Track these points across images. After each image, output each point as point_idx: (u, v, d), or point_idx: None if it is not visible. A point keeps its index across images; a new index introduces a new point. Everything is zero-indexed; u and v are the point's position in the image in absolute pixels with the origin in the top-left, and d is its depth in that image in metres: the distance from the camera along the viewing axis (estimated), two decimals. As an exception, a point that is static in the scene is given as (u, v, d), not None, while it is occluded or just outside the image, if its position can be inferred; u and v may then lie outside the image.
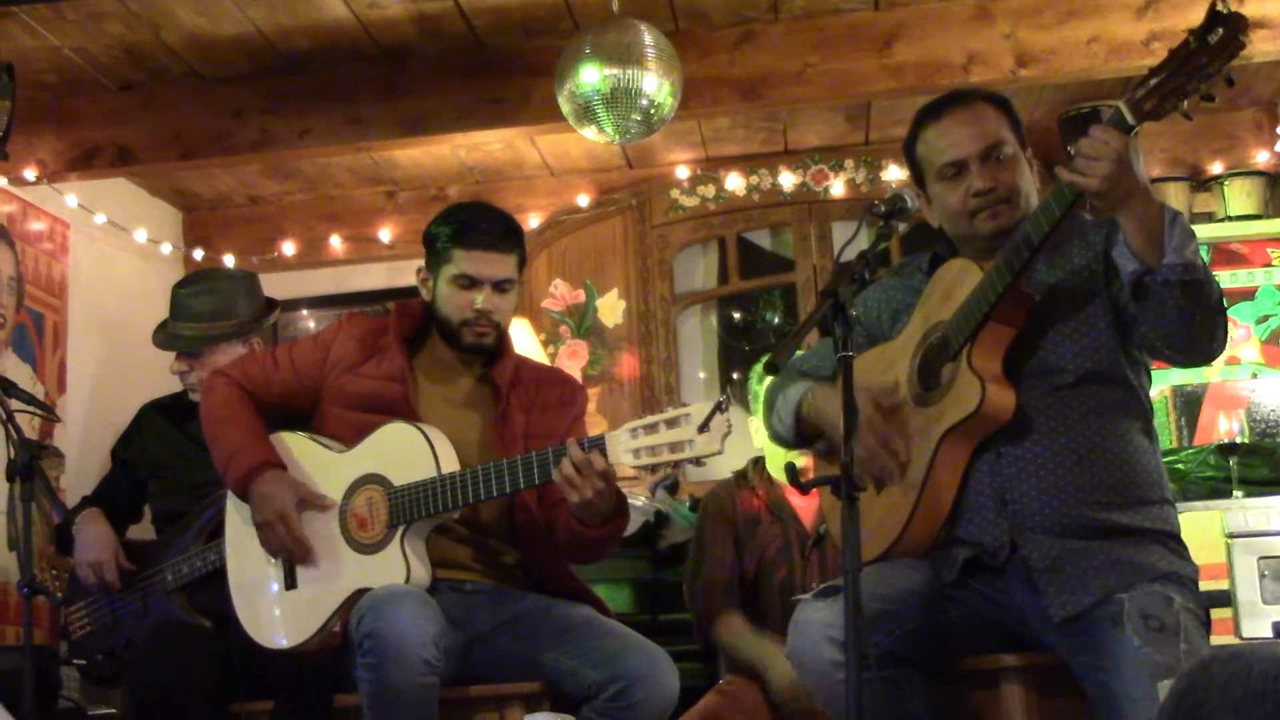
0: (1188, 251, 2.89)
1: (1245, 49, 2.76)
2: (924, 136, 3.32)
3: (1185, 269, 2.89)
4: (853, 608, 2.59)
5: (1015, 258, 3.03)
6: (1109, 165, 2.84)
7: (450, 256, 3.80)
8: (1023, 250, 3.02)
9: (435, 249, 3.85)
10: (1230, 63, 2.76)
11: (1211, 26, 2.75)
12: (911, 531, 3.19)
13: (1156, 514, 3.13)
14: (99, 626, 4.58)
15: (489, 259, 3.80)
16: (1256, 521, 5.00)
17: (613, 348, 6.91)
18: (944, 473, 3.15)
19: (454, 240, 3.80)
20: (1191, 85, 2.79)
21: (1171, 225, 2.90)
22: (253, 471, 3.75)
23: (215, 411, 3.90)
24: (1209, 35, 2.75)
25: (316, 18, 5.32)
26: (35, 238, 6.07)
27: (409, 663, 3.35)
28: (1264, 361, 6.25)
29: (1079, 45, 5.35)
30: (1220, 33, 2.74)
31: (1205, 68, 2.76)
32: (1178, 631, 2.86)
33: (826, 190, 6.86)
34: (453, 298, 3.80)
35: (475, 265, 3.78)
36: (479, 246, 3.79)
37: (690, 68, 5.32)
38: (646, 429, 3.32)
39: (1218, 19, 2.75)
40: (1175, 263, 2.89)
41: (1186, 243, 2.89)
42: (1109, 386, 3.14)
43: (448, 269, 3.80)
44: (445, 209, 3.99)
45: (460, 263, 3.79)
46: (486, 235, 3.80)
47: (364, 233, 7.25)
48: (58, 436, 6.07)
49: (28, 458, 4.19)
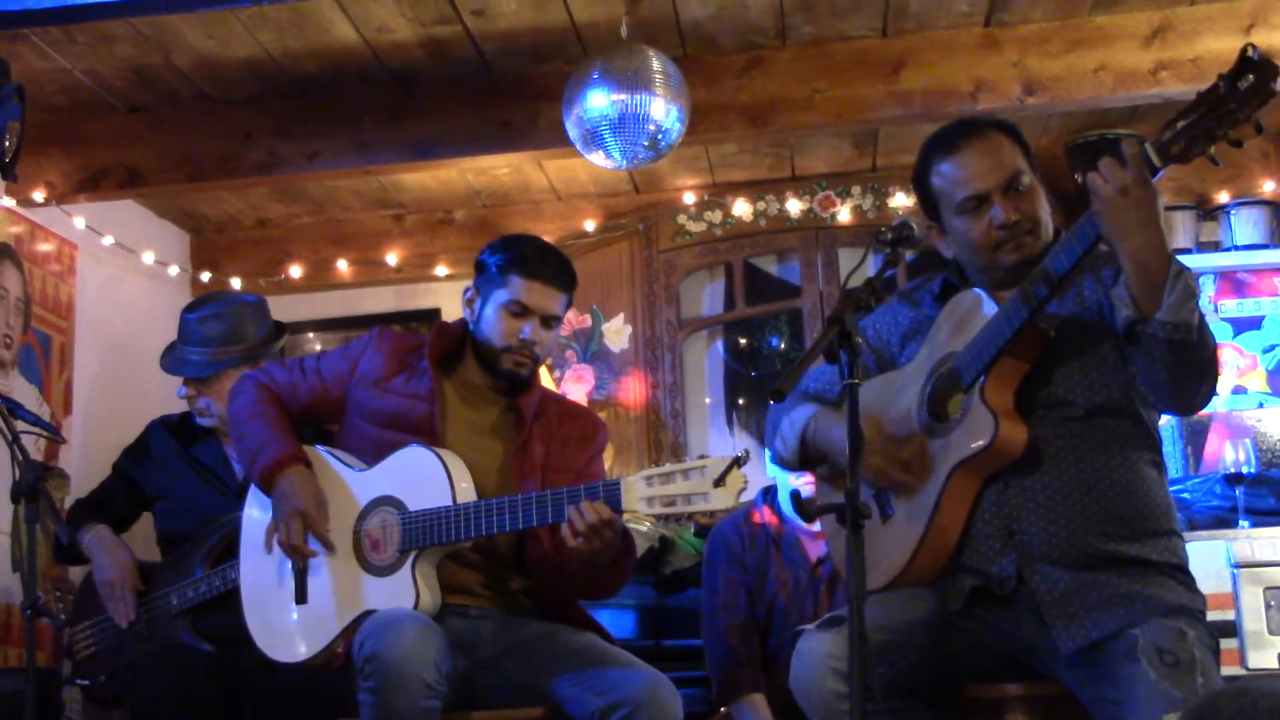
0: (1183, 311, 2.87)
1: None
2: (938, 169, 3.28)
3: (1176, 328, 2.87)
4: (857, 638, 2.57)
5: (1035, 293, 3.01)
6: (1111, 190, 2.84)
7: (507, 282, 3.78)
8: (1042, 287, 3.00)
9: (490, 273, 3.83)
10: (1260, 109, 2.74)
11: (1242, 72, 2.72)
12: (918, 563, 3.17)
13: (1165, 545, 3.10)
14: (103, 648, 4.57)
15: (546, 293, 3.79)
16: (1262, 552, 4.98)
17: (619, 372, 6.90)
18: (952, 505, 3.13)
19: (515, 267, 3.79)
20: (1220, 130, 2.75)
21: (1175, 280, 2.87)
22: (280, 464, 3.74)
23: (244, 409, 3.89)
24: (1239, 80, 2.72)
25: (325, 41, 5.33)
26: (43, 259, 6.07)
27: (410, 686, 3.33)
28: (1270, 391, 6.24)
29: (1086, 74, 5.36)
30: (1251, 79, 2.71)
31: (1235, 113, 2.73)
32: (1193, 666, 2.86)
33: (833, 216, 6.85)
34: (501, 323, 3.79)
35: (531, 295, 3.77)
36: (539, 279, 3.78)
37: (698, 93, 5.33)
38: (662, 478, 3.31)
39: (1249, 65, 2.72)
40: (1167, 320, 2.87)
41: (1185, 302, 2.87)
42: (1118, 419, 3.12)
43: (501, 294, 3.79)
44: (505, 237, 3.98)
45: (517, 290, 3.77)
46: (548, 269, 3.80)
47: (371, 256, 7.25)
48: (63, 457, 6.07)
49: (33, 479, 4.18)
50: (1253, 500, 5.16)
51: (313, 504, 3.69)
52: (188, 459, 4.71)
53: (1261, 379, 6.28)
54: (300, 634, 3.73)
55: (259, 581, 3.86)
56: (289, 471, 3.73)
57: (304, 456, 3.79)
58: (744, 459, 3.19)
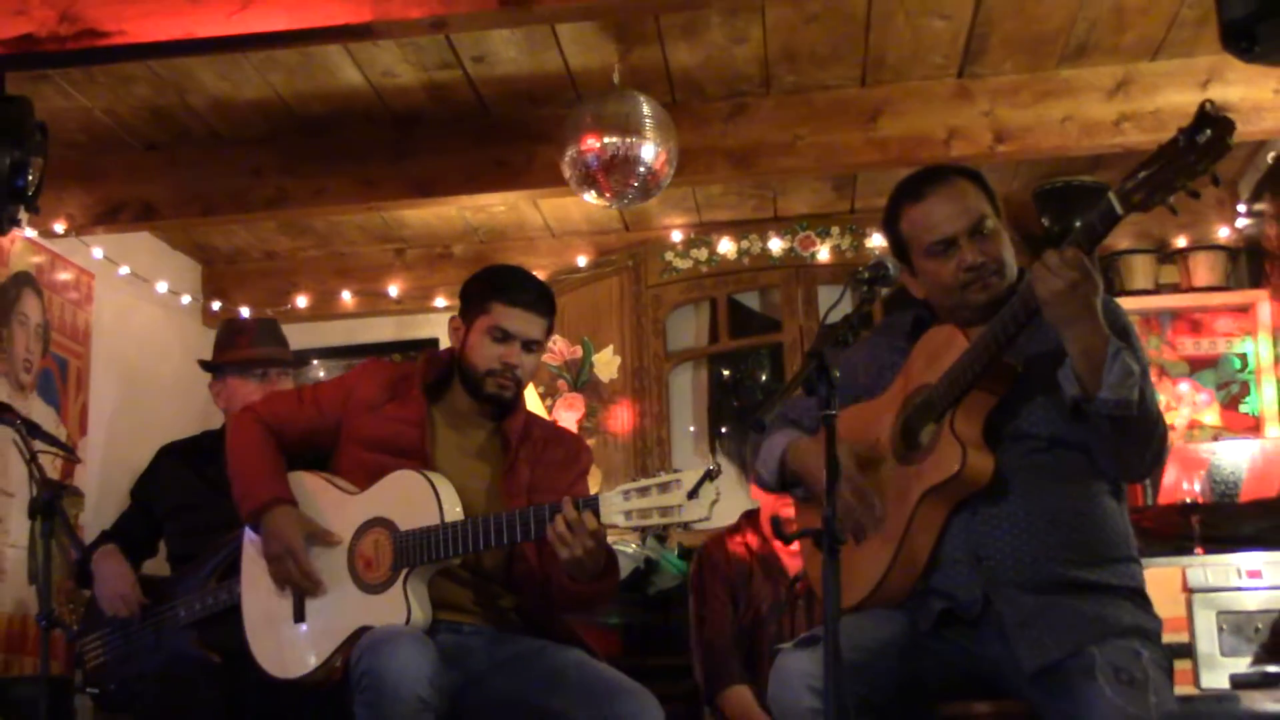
0: (1123, 388, 2.89)
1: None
2: (908, 215, 3.28)
3: (1118, 405, 2.90)
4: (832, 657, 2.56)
5: (1004, 331, 3.02)
6: (1059, 284, 2.87)
7: (489, 309, 3.80)
8: (1011, 326, 3.01)
9: (473, 301, 3.86)
10: (1217, 162, 2.75)
11: (1201, 127, 2.74)
12: (889, 582, 3.17)
13: (1124, 571, 3.11)
14: (112, 657, 4.55)
15: (526, 318, 3.80)
16: (1216, 578, 4.97)
17: (608, 401, 6.88)
18: (921, 529, 3.13)
19: (496, 295, 3.81)
20: (1179, 181, 2.78)
21: (1113, 359, 2.89)
22: (265, 506, 3.74)
23: (239, 448, 3.90)
24: (1198, 135, 2.75)
25: (332, 84, 5.32)
26: (62, 287, 6.05)
27: (404, 700, 3.31)
28: (1224, 426, 6.25)
29: (1053, 124, 5.37)
30: (1209, 133, 2.73)
31: (1194, 165, 2.76)
32: (1147, 684, 2.86)
33: (813, 255, 6.85)
34: (483, 348, 3.79)
35: (512, 321, 3.78)
36: (519, 305, 3.79)
37: (686, 137, 5.33)
38: (639, 492, 3.31)
39: (1207, 120, 2.75)
40: (1108, 399, 2.90)
41: (1125, 379, 2.89)
42: (1078, 452, 3.12)
43: (483, 320, 3.80)
44: (488, 268, 4.02)
45: (498, 316, 3.78)
46: (527, 296, 3.82)
47: (373, 287, 7.25)
48: (78, 476, 6.05)
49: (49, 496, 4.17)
50: (1207, 529, 5.16)
51: (299, 543, 3.70)
52: (197, 479, 4.70)
53: (1216, 414, 6.29)
54: (299, 651, 3.72)
55: (259, 602, 3.85)
56: (275, 512, 3.74)
57: (290, 498, 3.78)
58: (715, 472, 3.21)
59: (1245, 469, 5.57)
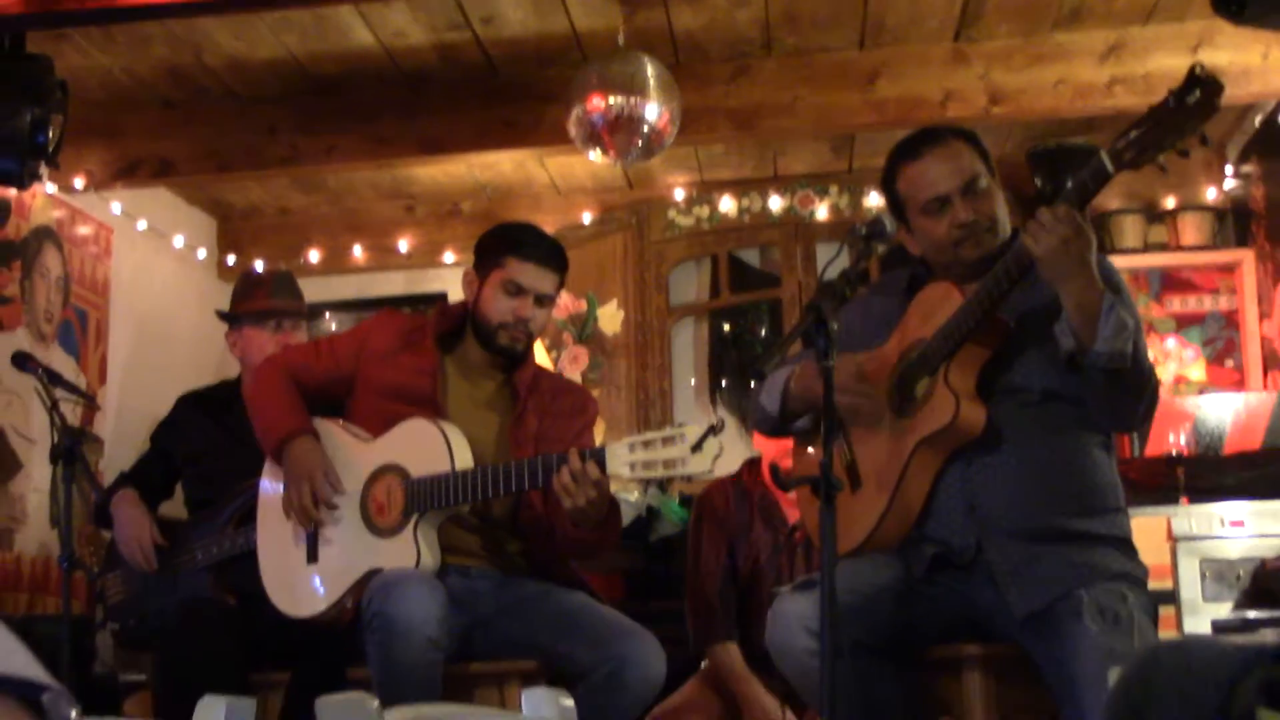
0: (1118, 342, 2.91)
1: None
2: (904, 174, 3.30)
3: (1112, 357, 2.92)
4: (828, 600, 2.60)
5: (997, 287, 3.05)
6: (1053, 239, 2.89)
7: (503, 263, 3.80)
8: (1004, 282, 3.03)
9: (488, 255, 3.85)
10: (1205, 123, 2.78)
11: (1190, 88, 2.77)
12: (884, 528, 3.20)
13: (1111, 521, 3.14)
14: (132, 594, 4.58)
15: (539, 273, 3.81)
16: (1199, 527, 5.02)
17: (611, 354, 6.92)
18: (916, 478, 3.17)
19: (511, 250, 3.81)
20: (1169, 141, 2.80)
21: (1107, 313, 2.91)
22: (290, 436, 3.78)
23: (262, 392, 3.93)
24: (1187, 96, 2.77)
25: (345, 44, 5.34)
26: (82, 241, 6.09)
27: (415, 641, 3.35)
28: (1209, 381, 6.28)
29: (1047, 86, 5.39)
30: (1198, 95, 2.76)
31: (1183, 126, 2.78)
32: (1132, 625, 2.90)
33: (812, 214, 6.87)
34: (497, 301, 3.80)
35: (526, 276, 3.79)
36: (533, 260, 3.80)
37: (689, 98, 5.35)
38: (644, 444, 3.31)
39: (1196, 82, 2.77)
40: (1103, 351, 2.91)
41: (1119, 333, 2.91)
42: (1069, 405, 3.15)
43: (498, 274, 3.80)
44: (503, 224, 4.03)
45: (512, 270, 3.79)
46: (541, 251, 3.82)
47: (384, 243, 7.28)
48: (97, 424, 6.10)
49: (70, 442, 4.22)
50: (1192, 480, 5.21)
51: (319, 471, 3.72)
52: (216, 427, 4.73)
53: (1202, 370, 6.32)
54: (311, 591, 3.75)
55: (274, 543, 3.89)
56: (298, 442, 3.77)
57: (312, 429, 3.82)
58: (719, 427, 3.21)
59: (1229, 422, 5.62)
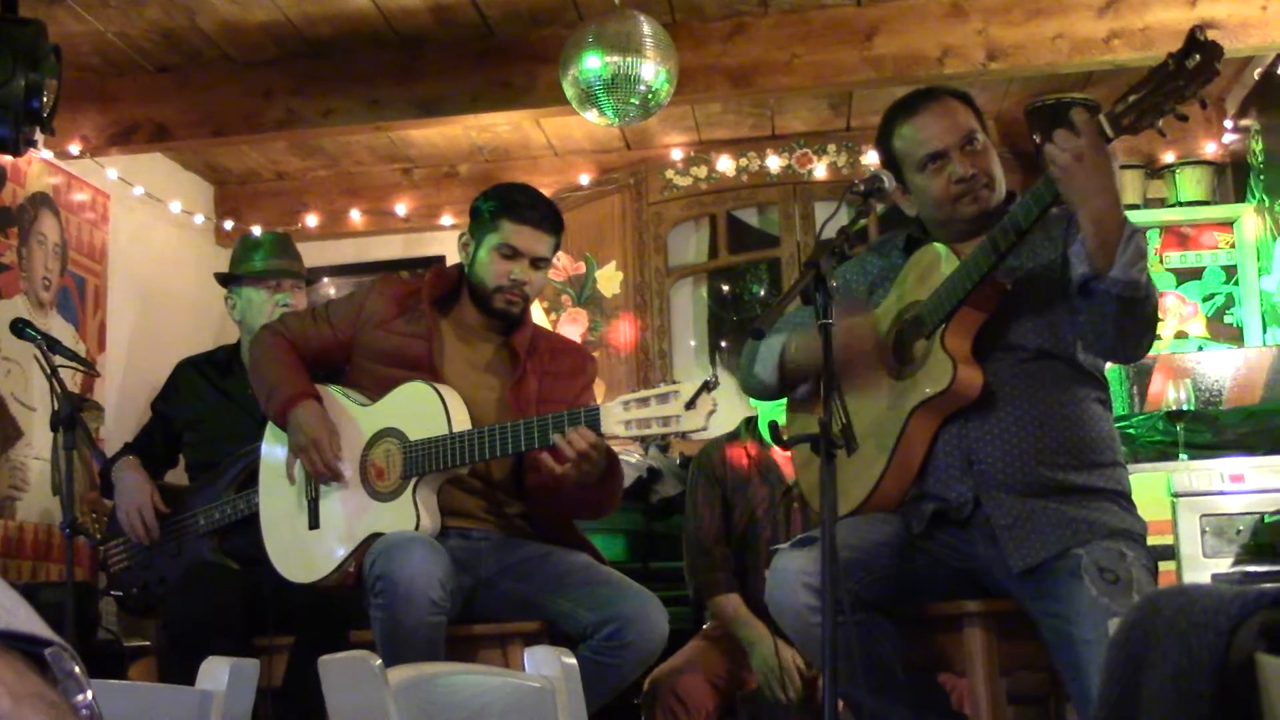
0: (1134, 269, 2.87)
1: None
2: (900, 132, 3.29)
3: (1128, 285, 2.88)
4: (828, 556, 2.59)
5: (993, 250, 3.02)
6: (1067, 156, 2.85)
7: (498, 227, 3.79)
8: (1010, 234, 3.00)
9: (483, 218, 3.84)
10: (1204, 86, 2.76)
11: (1190, 52, 2.75)
12: (883, 489, 3.20)
13: (1109, 475, 3.14)
14: (135, 562, 4.59)
15: (534, 236, 3.80)
16: (1199, 482, 5.01)
17: (610, 315, 6.91)
18: (913, 440, 3.16)
19: (506, 212, 3.80)
20: (1168, 105, 2.78)
21: (1127, 241, 2.87)
22: (293, 399, 3.77)
23: (261, 356, 3.93)
24: (1187, 60, 2.75)
25: (339, 6, 5.31)
26: (78, 207, 6.06)
27: (417, 603, 3.36)
28: (1209, 335, 6.27)
29: (1045, 41, 5.35)
30: (1198, 58, 2.74)
31: (1182, 90, 2.77)
32: (1131, 584, 2.88)
33: (810, 173, 6.85)
34: (493, 265, 3.80)
35: (521, 239, 3.79)
36: (528, 223, 3.79)
37: (685, 57, 5.31)
38: (638, 402, 3.32)
39: (1196, 45, 2.75)
40: (1120, 278, 2.87)
41: (1136, 260, 2.87)
42: (1064, 363, 3.15)
43: (492, 238, 3.80)
44: (497, 186, 4.00)
45: (507, 234, 3.78)
46: (536, 214, 3.81)
47: (381, 206, 7.25)
48: (97, 391, 6.08)
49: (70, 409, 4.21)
50: (1191, 435, 5.20)
51: (324, 434, 3.72)
52: (214, 391, 4.72)
53: (1202, 324, 6.31)
54: (314, 556, 3.76)
55: (276, 509, 3.89)
56: (301, 405, 3.76)
57: (315, 392, 3.81)
58: (713, 384, 3.21)
59: (1229, 378, 5.60)
